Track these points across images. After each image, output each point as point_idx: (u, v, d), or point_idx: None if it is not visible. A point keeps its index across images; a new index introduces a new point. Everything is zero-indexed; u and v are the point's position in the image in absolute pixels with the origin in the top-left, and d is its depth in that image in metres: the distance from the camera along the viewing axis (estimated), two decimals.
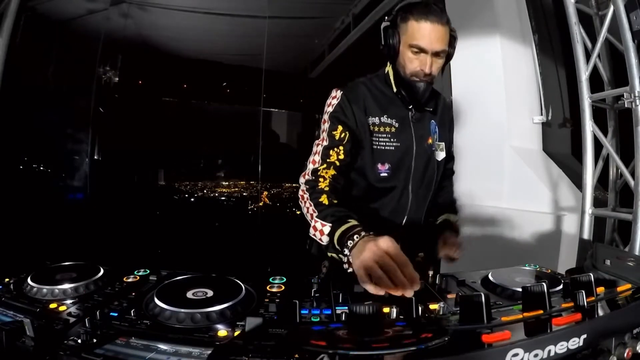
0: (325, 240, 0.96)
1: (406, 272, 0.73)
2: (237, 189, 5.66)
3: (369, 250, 0.78)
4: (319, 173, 1.09)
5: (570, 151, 2.69)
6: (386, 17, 1.13)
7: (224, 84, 5.45)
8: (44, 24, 3.79)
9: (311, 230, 1.01)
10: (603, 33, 1.94)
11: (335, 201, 1.03)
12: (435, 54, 1.07)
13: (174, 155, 5.21)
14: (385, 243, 0.78)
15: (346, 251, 0.87)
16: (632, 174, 1.84)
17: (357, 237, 0.86)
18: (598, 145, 2.06)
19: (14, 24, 2.33)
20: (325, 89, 1.20)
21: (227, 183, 5.64)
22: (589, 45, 2.03)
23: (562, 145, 2.68)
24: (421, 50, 1.06)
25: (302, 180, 1.12)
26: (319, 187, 1.06)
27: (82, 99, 4.17)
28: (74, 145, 4.16)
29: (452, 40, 1.11)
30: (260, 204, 5.34)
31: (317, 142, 1.15)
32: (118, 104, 4.55)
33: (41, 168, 4.12)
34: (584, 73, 2.03)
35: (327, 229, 0.96)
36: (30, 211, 3.47)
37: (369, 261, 0.77)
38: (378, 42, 1.15)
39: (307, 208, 1.04)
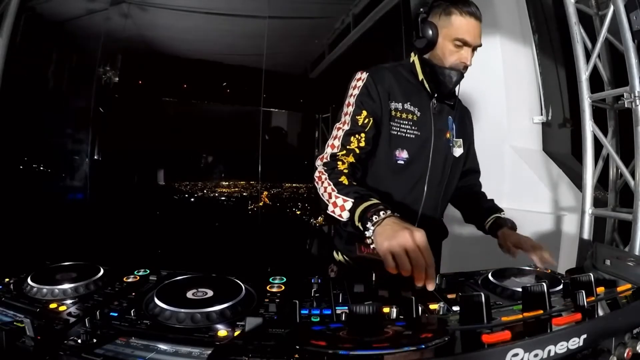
0: (345, 216, 0.94)
1: (429, 273, 0.76)
2: (237, 189, 5.65)
3: (403, 237, 0.78)
4: (337, 157, 1.06)
5: (570, 151, 2.69)
6: (422, 9, 1.13)
7: (224, 84, 5.45)
8: (44, 24, 3.79)
9: (330, 207, 0.98)
10: (603, 33, 1.94)
11: (355, 183, 1.01)
12: (474, 48, 1.12)
13: (174, 155, 5.21)
14: (421, 237, 0.78)
15: (369, 225, 0.85)
16: (632, 174, 1.84)
17: (383, 214, 0.85)
18: (598, 145, 2.06)
19: (14, 24, 2.32)
20: (326, 89, 1.19)
21: (227, 183, 5.64)
22: (589, 45, 2.03)
23: (562, 145, 2.67)
24: (465, 44, 1.09)
25: (318, 162, 1.08)
26: (338, 168, 1.04)
27: (82, 99, 4.17)
28: (74, 145, 4.16)
29: None
30: (260, 204, 5.35)
31: (337, 125, 1.13)
32: (118, 104, 4.55)
33: (41, 168, 4.12)
34: (584, 73, 2.03)
35: (348, 204, 0.93)
36: (31, 211, 3.47)
37: (400, 250, 0.77)
38: (378, 42, 1.15)
39: (325, 188, 1.00)
